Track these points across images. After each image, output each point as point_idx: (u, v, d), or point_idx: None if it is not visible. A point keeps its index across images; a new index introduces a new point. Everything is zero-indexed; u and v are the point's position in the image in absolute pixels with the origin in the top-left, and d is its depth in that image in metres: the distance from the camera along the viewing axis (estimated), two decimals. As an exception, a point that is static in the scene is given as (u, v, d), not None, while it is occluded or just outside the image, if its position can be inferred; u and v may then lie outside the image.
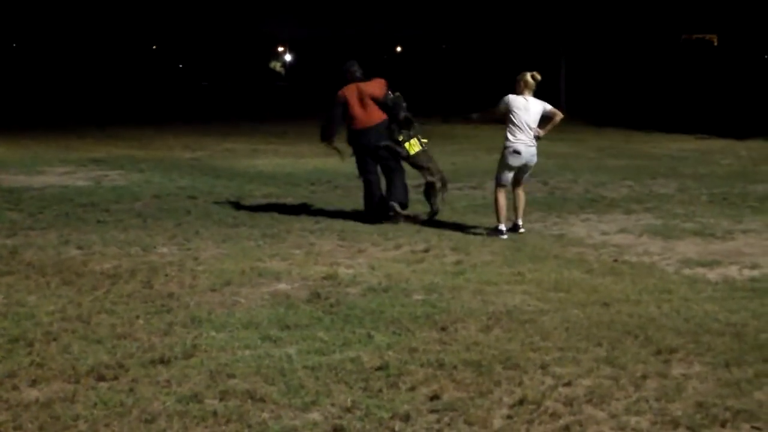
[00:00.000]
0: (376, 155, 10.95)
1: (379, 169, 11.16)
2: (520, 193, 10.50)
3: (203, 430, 4.74)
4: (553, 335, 6.41)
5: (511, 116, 10.08)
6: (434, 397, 5.22)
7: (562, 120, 10.30)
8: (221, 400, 5.15)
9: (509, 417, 4.95)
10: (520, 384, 5.44)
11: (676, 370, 5.74)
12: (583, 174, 16.39)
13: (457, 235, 10.23)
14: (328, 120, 11.17)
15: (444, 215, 11.46)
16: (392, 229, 10.51)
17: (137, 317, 6.75)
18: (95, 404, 5.02)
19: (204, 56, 57.20)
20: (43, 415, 4.87)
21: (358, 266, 8.61)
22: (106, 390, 5.26)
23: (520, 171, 10.35)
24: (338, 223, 10.93)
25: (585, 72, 35.46)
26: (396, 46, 68.62)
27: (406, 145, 10.91)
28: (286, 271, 8.35)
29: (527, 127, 10.09)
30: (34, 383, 5.36)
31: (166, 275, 8.08)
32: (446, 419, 4.91)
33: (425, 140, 11.12)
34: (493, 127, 27.06)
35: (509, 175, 10.30)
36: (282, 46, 65.31)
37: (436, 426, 4.83)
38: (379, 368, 5.68)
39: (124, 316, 6.79)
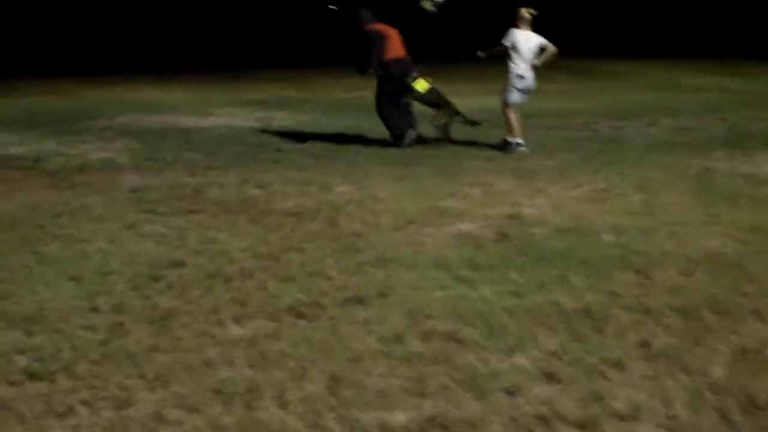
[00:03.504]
0: (401, 86, 11.98)
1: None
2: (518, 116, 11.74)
3: (409, 371, 4.67)
4: (760, 279, 6.07)
5: (516, 46, 11.45)
6: (644, 344, 5.00)
7: (556, 52, 11.55)
8: (423, 341, 5.08)
9: (729, 366, 4.70)
10: (735, 332, 5.16)
11: None
12: (761, 110, 15.57)
13: (638, 173, 9.85)
14: (375, 52, 11.87)
15: (621, 153, 11.13)
16: (569, 168, 10.24)
17: (326, 256, 6.75)
18: (299, 342, 5.03)
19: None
20: (251, 352, 4.91)
21: (540, 206, 8.40)
22: (308, 328, 5.27)
23: (524, 93, 11.69)
24: (511, 161, 10.74)
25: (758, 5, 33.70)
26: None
27: (415, 85, 12.12)
28: (467, 210, 8.22)
29: (528, 56, 11.48)
30: (236, 320, 5.41)
31: (348, 214, 8.06)
32: (661, 367, 4.70)
33: (429, 79, 12.36)
34: (635, 65, 26.25)
35: (517, 96, 11.67)
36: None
37: (651, 373, 4.63)
38: (579, 311, 5.50)
39: (313, 254, 6.80)
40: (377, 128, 13.41)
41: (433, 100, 12.38)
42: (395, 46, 11.95)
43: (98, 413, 4.21)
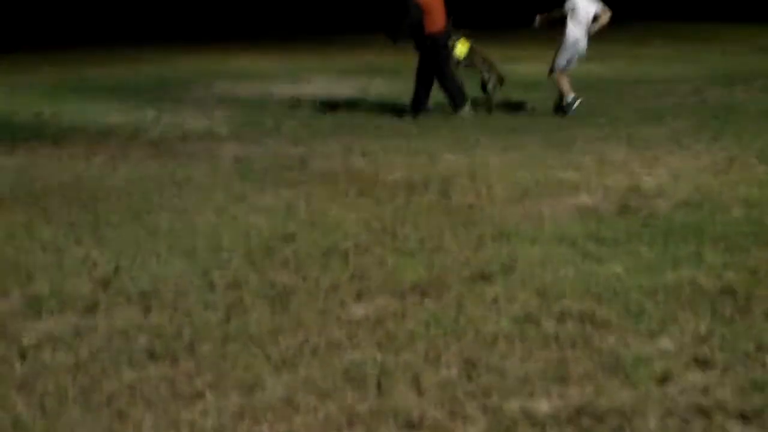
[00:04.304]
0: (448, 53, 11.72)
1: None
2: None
3: (548, 355, 4.39)
4: None
5: (575, 12, 11.37)
6: (797, 327, 4.65)
7: (610, 19, 11.45)
8: (558, 322, 4.78)
9: None
10: None
11: None
12: None
13: (759, 142, 9.36)
14: (411, 21, 11.40)
15: (736, 121, 10.65)
16: (684, 136, 9.81)
17: (443, 230, 6.48)
18: (427, 323, 4.78)
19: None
20: (378, 333, 4.67)
21: (660, 177, 8.01)
22: (434, 307, 5.02)
23: (574, 58, 11.61)
24: (622, 130, 10.32)
25: None
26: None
27: (455, 51, 11.76)
28: (584, 181, 7.87)
29: (585, 22, 11.40)
30: (358, 298, 5.19)
31: (461, 185, 7.77)
32: (821, 352, 4.34)
33: (468, 41, 11.90)
34: (734, 28, 25.15)
35: (566, 61, 11.55)
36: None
37: (812, 360, 4.27)
38: (722, 292, 5.15)
39: (429, 228, 6.54)
40: (477, 95, 13.03)
41: (476, 61, 12.03)
42: (438, 18, 11.52)
43: (226, 397, 4.02)
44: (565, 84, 11.57)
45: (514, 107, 12.03)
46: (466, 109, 11.53)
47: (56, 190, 7.82)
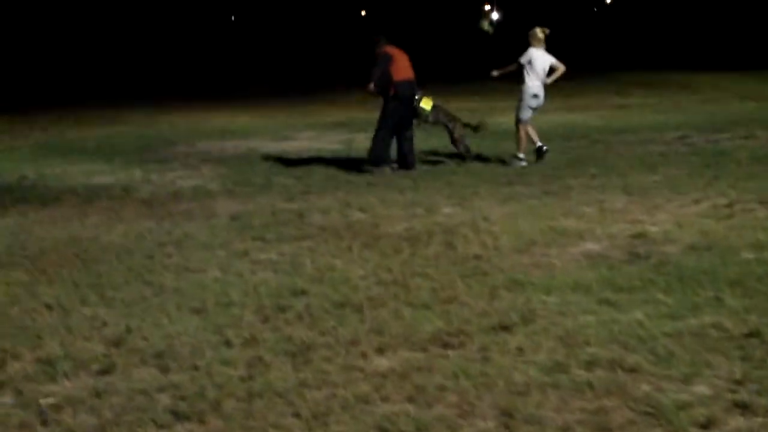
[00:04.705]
0: (409, 109, 11.69)
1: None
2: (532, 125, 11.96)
3: (585, 404, 4.29)
4: None
5: (532, 65, 11.59)
6: (832, 369, 4.58)
7: (564, 71, 11.65)
8: (588, 370, 4.70)
9: None
10: None
11: None
12: None
13: (755, 187, 9.39)
14: (383, 71, 11.48)
15: (728, 167, 10.68)
16: (680, 183, 9.82)
17: (454, 281, 6.40)
18: (455, 374, 4.67)
19: (412, 21, 57.20)
20: (407, 386, 4.56)
21: (664, 223, 7.98)
22: (459, 359, 4.91)
23: (535, 110, 11.87)
24: (616, 178, 10.32)
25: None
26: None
27: (422, 104, 11.83)
28: (588, 229, 7.83)
29: (542, 74, 11.62)
30: (380, 351, 5.08)
31: (465, 236, 7.70)
32: None
33: (430, 99, 12.01)
34: (740, 76, 25.49)
35: (530, 114, 11.80)
36: (488, 4, 64.46)
37: None
38: (749, 335, 5.09)
39: (440, 279, 6.45)
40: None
41: (440, 117, 12.09)
42: (403, 68, 11.65)
43: (260, 456, 3.88)
44: (524, 140, 11.73)
45: (502, 158, 11.97)
46: (376, 170, 11.35)
47: (53, 251, 7.67)
